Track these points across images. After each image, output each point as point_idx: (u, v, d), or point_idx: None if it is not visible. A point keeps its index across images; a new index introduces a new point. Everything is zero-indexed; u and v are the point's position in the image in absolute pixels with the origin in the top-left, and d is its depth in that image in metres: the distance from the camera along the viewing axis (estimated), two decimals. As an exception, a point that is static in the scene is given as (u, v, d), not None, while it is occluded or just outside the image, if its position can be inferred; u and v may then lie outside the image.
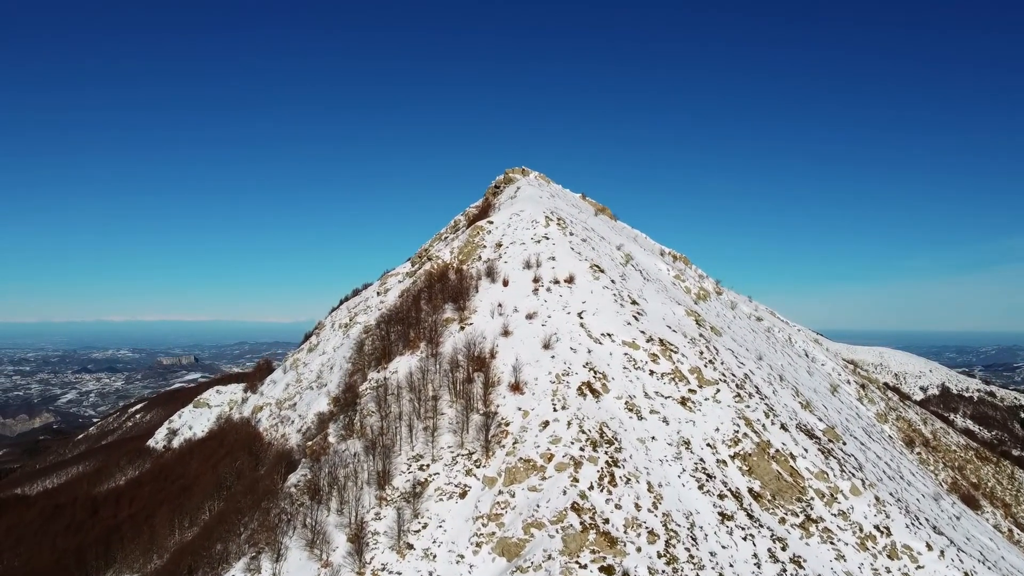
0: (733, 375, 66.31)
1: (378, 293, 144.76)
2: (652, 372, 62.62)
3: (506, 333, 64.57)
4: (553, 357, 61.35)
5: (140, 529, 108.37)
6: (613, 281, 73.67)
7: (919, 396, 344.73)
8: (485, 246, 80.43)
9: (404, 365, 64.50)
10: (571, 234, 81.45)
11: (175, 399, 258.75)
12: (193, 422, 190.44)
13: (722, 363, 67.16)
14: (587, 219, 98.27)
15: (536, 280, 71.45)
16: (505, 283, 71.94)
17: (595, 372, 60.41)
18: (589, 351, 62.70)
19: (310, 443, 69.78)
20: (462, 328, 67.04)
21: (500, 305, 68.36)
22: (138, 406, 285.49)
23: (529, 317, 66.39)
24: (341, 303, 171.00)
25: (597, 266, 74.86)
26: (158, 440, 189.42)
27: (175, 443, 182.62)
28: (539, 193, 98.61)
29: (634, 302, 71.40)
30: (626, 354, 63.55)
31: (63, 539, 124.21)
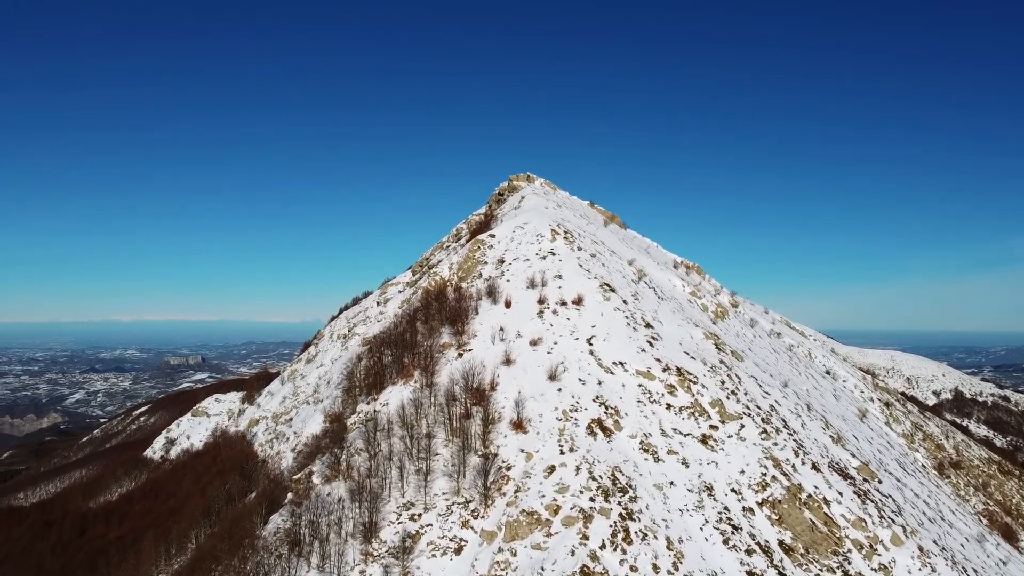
0: (758, 407, 60.28)
1: (377, 303, 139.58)
2: (669, 406, 56.70)
3: (508, 362, 58.78)
4: (560, 390, 55.52)
5: (126, 554, 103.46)
6: (625, 302, 67.68)
7: (932, 400, 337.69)
8: (486, 262, 74.55)
9: (396, 397, 58.81)
10: (579, 249, 75.46)
11: (179, 402, 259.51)
12: (191, 431, 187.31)
13: (745, 393, 61.13)
14: (596, 231, 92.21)
15: (541, 301, 65.59)
16: (507, 304, 66.11)
17: (606, 407, 54.56)
18: (599, 383, 56.84)
19: (296, 477, 64.37)
20: (460, 355, 61.30)
21: (502, 329, 62.58)
22: (142, 409, 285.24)
23: (533, 344, 60.57)
24: (341, 312, 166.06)
25: (607, 285, 68.87)
26: (155, 450, 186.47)
27: (173, 453, 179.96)
28: (544, 203, 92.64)
29: (648, 325, 65.42)
30: (640, 385, 57.65)
31: (50, 560, 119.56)
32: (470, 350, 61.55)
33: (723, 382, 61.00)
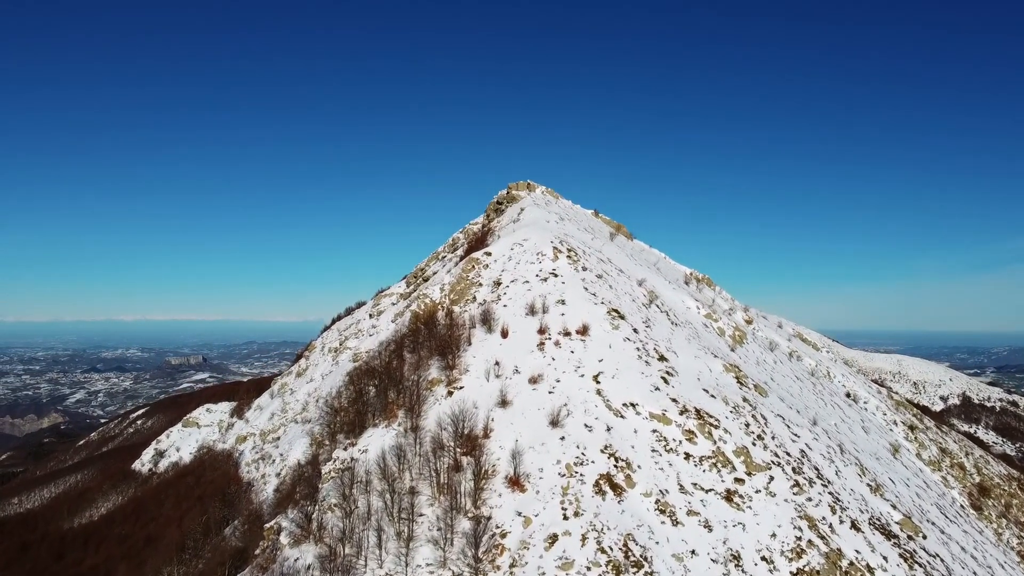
0: (788, 454, 53.16)
1: (370, 315, 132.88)
2: (688, 456, 49.60)
3: (504, 403, 51.73)
4: (563, 438, 48.46)
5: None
6: (635, 330, 60.53)
7: (939, 406, 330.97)
8: (481, 284, 67.38)
9: (377, 442, 51.82)
10: (584, 269, 68.30)
11: (176, 405, 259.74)
12: (181, 443, 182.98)
13: (773, 437, 54.01)
14: (602, 246, 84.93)
15: (542, 331, 58.45)
16: (504, 334, 58.99)
17: (616, 459, 47.48)
18: (608, 428, 49.76)
19: (268, 526, 57.64)
20: (450, 393, 54.25)
21: (497, 364, 55.50)
22: (139, 412, 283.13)
23: (533, 381, 53.50)
24: (333, 322, 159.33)
25: (616, 311, 61.71)
26: (144, 462, 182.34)
27: (161, 465, 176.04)
28: (546, 216, 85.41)
29: (662, 357, 58.29)
30: (655, 431, 50.56)
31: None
32: (461, 388, 54.50)
33: (747, 424, 53.90)
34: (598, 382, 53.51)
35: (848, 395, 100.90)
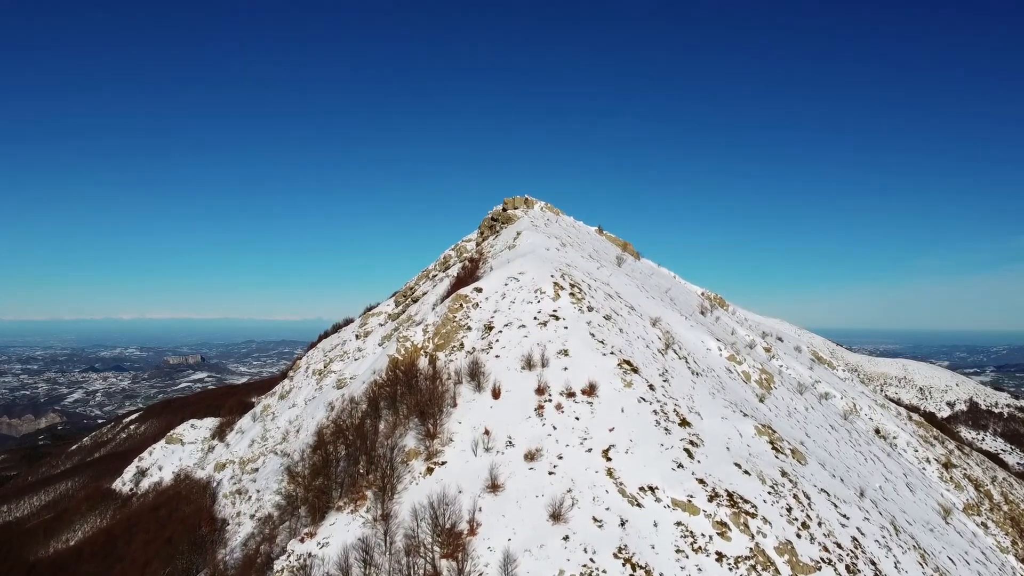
0: (838, 545, 43.91)
1: (357, 336, 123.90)
2: (720, 556, 40.34)
3: (495, 487, 42.50)
4: (567, 538, 39.20)
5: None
6: (651, 387, 51.21)
7: (946, 412, 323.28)
8: (470, 328, 58.03)
9: (339, 536, 42.62)
10: (590, 309, 58.95)
11: (168, 410, 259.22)
12: (163, 461, 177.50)
13: (820, 524, 44.77)
14: (609, 276, 75.42)
15: (540, 390, 49.14)
16: (496, 393, 49.68)
17: (634, 567, 38.24)
18: (622, 523, 40.50)
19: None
20: (430, 471, 45.00)
21: (487, 433, 46.23)
22: (133, 416, 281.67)
23: (530, 457, 44.24)
24: (320, 339, 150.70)
25: (628, 363, 52.39)
26: (125, 481, 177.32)
27: (143, 485, 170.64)
28: (546, 243, 75.86)
29: (684, 422, 49.01)
30: (679, 524, 41.30)
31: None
32: (443, 463, 45.25)
33: (789, 509, 44.63)
34: (609, 459, 44.23)
35: (877, 431, 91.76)
